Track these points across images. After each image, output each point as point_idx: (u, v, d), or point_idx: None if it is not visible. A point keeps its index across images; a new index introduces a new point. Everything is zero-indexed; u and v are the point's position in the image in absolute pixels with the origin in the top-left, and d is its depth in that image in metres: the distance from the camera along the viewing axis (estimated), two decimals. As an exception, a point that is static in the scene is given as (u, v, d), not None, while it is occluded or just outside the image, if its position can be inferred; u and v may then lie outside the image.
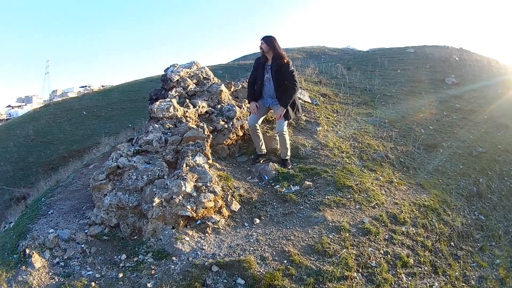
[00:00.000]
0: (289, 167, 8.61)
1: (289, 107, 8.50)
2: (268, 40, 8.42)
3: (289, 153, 8.85)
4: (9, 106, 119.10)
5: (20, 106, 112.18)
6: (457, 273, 6.60)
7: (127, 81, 46.52)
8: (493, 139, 13.10)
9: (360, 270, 5.83)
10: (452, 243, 7.32)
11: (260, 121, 8.93)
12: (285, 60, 8.45)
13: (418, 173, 9.75)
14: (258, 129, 8.84)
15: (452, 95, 17.59)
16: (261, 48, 8.47)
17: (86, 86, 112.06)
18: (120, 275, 5.65)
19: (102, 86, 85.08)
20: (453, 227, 7.72)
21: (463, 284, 6.42)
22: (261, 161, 8.71)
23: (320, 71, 19.14)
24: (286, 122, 8.72)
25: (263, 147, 8.94)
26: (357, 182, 8.14)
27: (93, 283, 5.48)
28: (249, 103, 9.05)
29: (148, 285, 5.32)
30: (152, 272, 5.56)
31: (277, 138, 8.90)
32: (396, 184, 8.68)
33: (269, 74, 8.50)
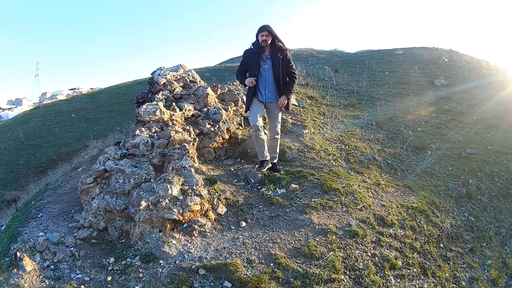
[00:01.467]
0: (281, 172, 8.43)
1: (289, 100, 8.27)
2: (271, 29, 7.97)
3: (277, 156, 8.64)
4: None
5: (10, 108, 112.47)
6: (447, 274, 6.63)
7: (115, 83, 46.62)
8: (483, 140, 13.19)
9: (348, 273, 5.87)
10: (441, 245, 7.37)
11: (261, 122, 8.32)
12: (287, 51, 8.20)
13: (406, 175, 9.81)
14: (262, 130, 8.25)
15: (441, 97, 17.70)
16: (264, 41, 7.93)
17: (75, 89, 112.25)
18: (109, 278, 5.72)
19: (91, 89, 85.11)
20: (442, 228, 7.77)
21: (454, 285, 6.48)
22: (266, 168, 8.31)
23: (307, 73, 19.25)
24: (280, 121, 8.57)
25: (267, 152, 8.38)
26: (343, 185, 8.20)
27: (82, 286, 5.55)
28: (243, 83, 8.40)
29: None
30: (140, 275, 5.62)
31: (270, 142, 8.51)
32: (384, 186, 8.75)
33: (268, 64, 8.06)
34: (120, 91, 39.46)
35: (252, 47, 8.24)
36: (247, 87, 8.38)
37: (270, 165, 8.41)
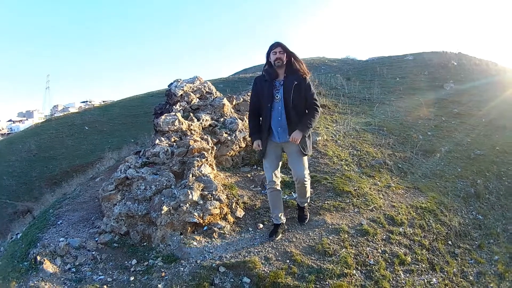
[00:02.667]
0: (306, 221, 7.17)
1: (307, 138, 6.55)
2: (285, 46, 6.40)
3: (308, 200, 7.25)
4: (10, 120, 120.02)
5: (21, 120, 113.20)
6: (454, 269, 6.78)
7: (127, 96, 46.78)
8: (491, 141, 13.29)
9: (359, 268, 6.15)
10: (449, 242, 7.53)
11: (279, 174, 6.81)
12: (307, 75, 6.53)
13: (416, 178, 9.94)
14: (279, 187, 6.77)
15: (450, 101, 17.86)
16: (278, 59, 6.33)
17: (87, 101, 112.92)
18: (132, 278, 6.04)
19: (103, 101, 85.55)
20: (450, 226, 7.94)
21: (461, 279, 6.60)
22: (280, 235, 6.83)
23: (320, 82, 19.42)
24: (307, 165, 6.78)
25: (283, 215, 6.97)
26: (355, 188, 8.48)
27: (105, 286, 5.88)
28: (252, 142, 6.88)
29: (159, 286, 5.71)
30: (163, 275, 5.95)
31: (296, 187, 6.93)
32: (394, 188, 8.97)
33: (281, 93, 6.41)
34: (133, 103, 39.49)
35: (263, 73, 6.67)
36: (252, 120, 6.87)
37: (284, 220, 7.00)
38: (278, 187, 6.73)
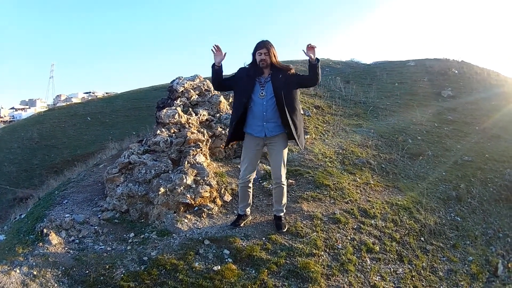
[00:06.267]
0: (285, 229, 7.28)
1: (301, 133, 6.97)
2: (270, 47, 6.61)
3: (284, 209, 7.52)
4: (12, 108, 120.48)
5: (23, 109, 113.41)
6: (424, 264, 7.17)
7: (131, 89, 47.06)
8: (482, 149, 13.59)
9: (327, 250, 6.86)
10: (422, 238, 7.95)
11: (254, 171, 7.25)
12: (291, 69, 6.78)
13: (398, 178, 10.47)
14: (251, 186, 7.34)
15: (446, 108, 18.24)
16: (263, 60, 6.57)
17: (90, 92, 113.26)
18: (129, 247, 6.82)
19: (107, 93, 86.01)
20: (424, 224, 8.35)
21: (430, 274, 7.00)
22: (242, 224, 7.43)
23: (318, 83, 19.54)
24: (285, 165, 7.08)
25: (249, 208, 7.62)
26: (334, 182, 9.24)
27: (104, 254, 6.61)
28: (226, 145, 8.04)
29: (152, 253, 6.52)
30: (156, 245, 6.79)
31: (273, 191, 7.36)
32: (373, 185, 9.61)
33: (268, 89, 6.60)
34: (136, 96, 39.81)
35: (248, 66, 6.85)
36: (232, 120, 7.06)
37: (250, 217, 7.66)
38: (250, 184, 7.22)
